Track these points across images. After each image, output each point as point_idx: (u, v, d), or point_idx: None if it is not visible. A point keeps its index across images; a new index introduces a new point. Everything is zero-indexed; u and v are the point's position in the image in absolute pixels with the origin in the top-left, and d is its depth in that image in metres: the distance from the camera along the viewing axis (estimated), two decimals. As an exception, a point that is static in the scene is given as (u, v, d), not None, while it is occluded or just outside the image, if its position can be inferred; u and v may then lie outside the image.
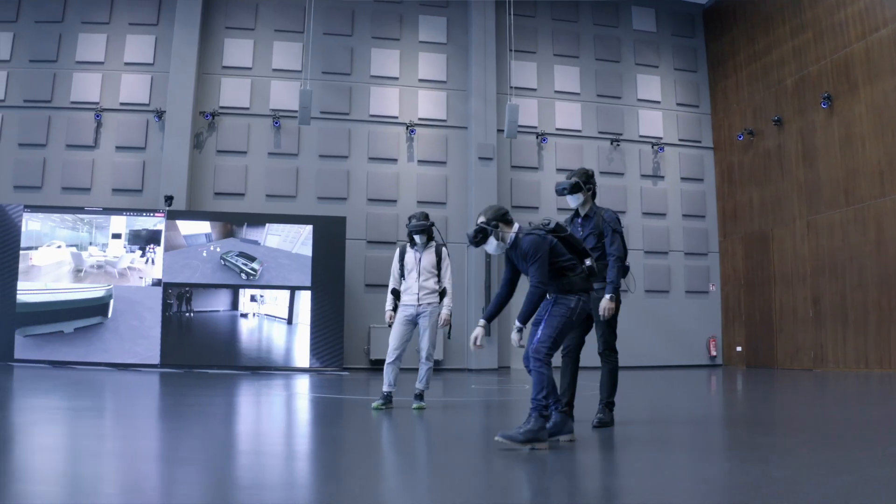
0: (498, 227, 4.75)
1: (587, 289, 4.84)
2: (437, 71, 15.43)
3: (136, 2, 15.26)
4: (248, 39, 15.33)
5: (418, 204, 15.03)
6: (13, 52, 15.12)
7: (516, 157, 15.31)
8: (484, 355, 14.31)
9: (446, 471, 4.02)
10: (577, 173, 5.73)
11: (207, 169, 14.90)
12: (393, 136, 15.17)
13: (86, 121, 14.82)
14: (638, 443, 4.95)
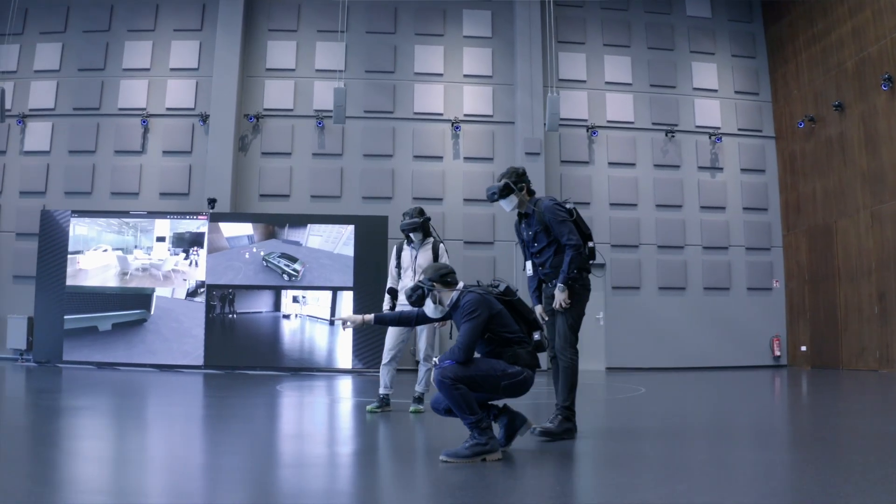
0: (434, 289, 4.42)
1: (534, 366, 4.42)
2: (483, 66, 15.32)
3: (181, 8, 15.58)
4: (290, 41, 15.50)
5: (464, 202, 14.92)
6: (62, 62, 15.61)
7: (566, 151, 15.08)
8: (534, 356, 14.02)
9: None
10: (507, 173, 5.34)
11: (252, 171, 15.06)
12: (438, 133, 15.10)
13: (133, 127, 15.17)
14: (593, 459, 4.59)
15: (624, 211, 15.03)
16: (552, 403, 5.26)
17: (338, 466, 4.29)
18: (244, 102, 15.28)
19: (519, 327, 4.45)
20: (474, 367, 4.24)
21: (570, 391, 5.06)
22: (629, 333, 14.65)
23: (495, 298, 4.42)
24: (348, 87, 15.22)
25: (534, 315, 4.67)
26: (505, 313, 4.38)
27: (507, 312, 4.42)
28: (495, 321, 4.32)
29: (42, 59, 15.62)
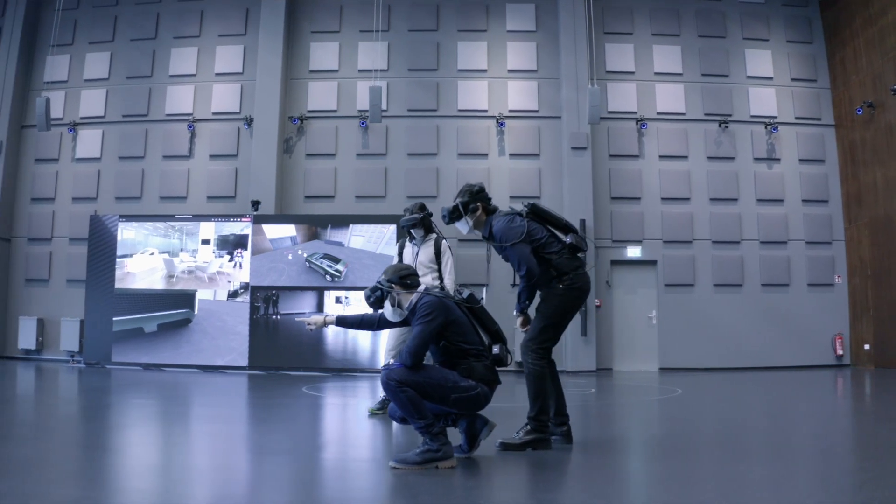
0: (392, 290, 4.28)
1: (491, 381, 4.24)
2: (527, 60, 15.25)
3: (225, 14, 15.92)
4: (333, 42, 15.67)
5: (510, 200, 14.76)
6: (111, 71, 16.11)
7: (614, 145, 14.88)
8: (582, 356, 13.86)
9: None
10: (461, 192, 5.08)
11: (297, 173, 15.26)
12: (482, 130, 15.07)
13: (180, 132, 15.53)
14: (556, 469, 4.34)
15: (676, 205, 14.73)
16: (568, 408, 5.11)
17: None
18: (288, 105, 15.50)
19: (479, 339, 4.29)
20: (424, 373, 4.08)
21: (534, 399, 4.71)
22: (683, 333, 14.35)
23: (456, 306, 4.28)
24: (391, 87, 15.37)
25: (497, 326, 4.44)
26: (464, 322, 4.23)
27: (468, 322, 4.27)
28: (452, 329, 4.17)
29: (91, 69, 16.12)
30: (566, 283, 4.76)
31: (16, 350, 15.18)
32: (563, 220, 5.00)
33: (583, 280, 4.86)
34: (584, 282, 4.87)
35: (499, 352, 4.33)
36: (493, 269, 14.62)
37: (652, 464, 4.58)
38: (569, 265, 4.78)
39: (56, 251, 15.60)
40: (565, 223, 4.98)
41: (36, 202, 15.86)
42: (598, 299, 14.34)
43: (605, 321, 14.43)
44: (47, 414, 6.91)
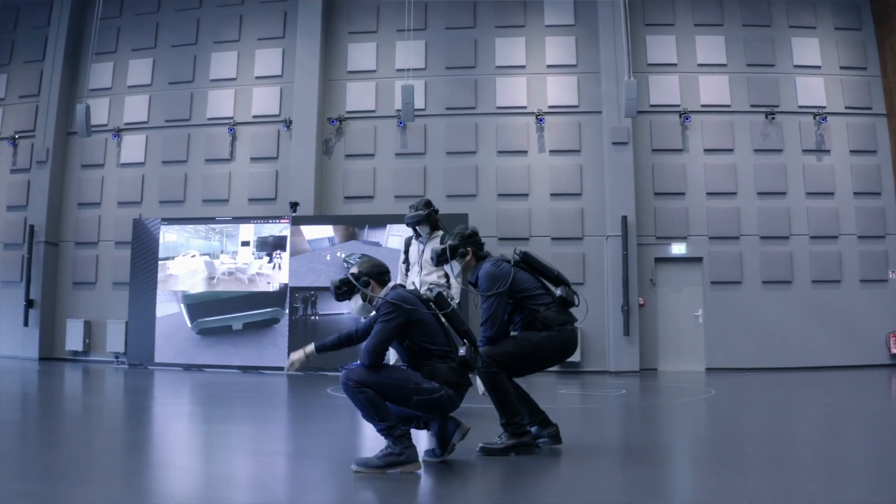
0: (369, 286, 4.21)
1: (457, 384, 4.13)
2: (566, 55, 15.19)
3: (263, 17, 16.19)
4: (370, 42, 15.81)
5: (551, 197, 14.76)
6: (154, 77, 16.53)
7: (657, 139, 14.73)
8: (624, 357, 13.73)
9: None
10: (452, 235, 4.98)
11: (337, 174, 15.45)
12: (521, 127, 15.06)
13: (221, 135, 15.87)
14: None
15: (722, 200, 14.51)
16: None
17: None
18: (327, 106, 15.71)
19: (447, 340, 4.20)
20: (385, 373, 4.03)
21: (500, 406, 4.63)
22: (730, 332, 14.10)
23: (424, 304, 4.19)
24: (429, 85, 15.46)
25: (466, 327, 4.30)
26: (430, 322, 4.14)
27: (434, 322, 4.17)
28: (416, 329, 4.10)
29: (134, 75, 16.57)
30: (553, 332, 4.70)
31: (64, 351, 15.68)
32: (555, 272, 4.95)
33: (567, 336, 4.78)
34: (567, 338, 4.78)
35: (465, 353, 4.15)
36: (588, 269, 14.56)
37: (624, 470, 4.46)
38: (556, 319, 4.71)
39: (102, 255, 16.06)
40: (556, 274, 4.94)
41: (82, 207, 16.35)
42: (642, 298, 14.20)
43: (649, 320, 14.27)
44: (95, 414, 7.21)
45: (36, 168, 16.24)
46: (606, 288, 14.20)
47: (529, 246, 14.57)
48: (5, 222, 16.50)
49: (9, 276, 16.21)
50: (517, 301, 4.69)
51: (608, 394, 9.76)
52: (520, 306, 4.71)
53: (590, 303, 14.30)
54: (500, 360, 4.56)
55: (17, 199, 16.47)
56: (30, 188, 16.34)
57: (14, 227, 16.37)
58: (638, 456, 4.88)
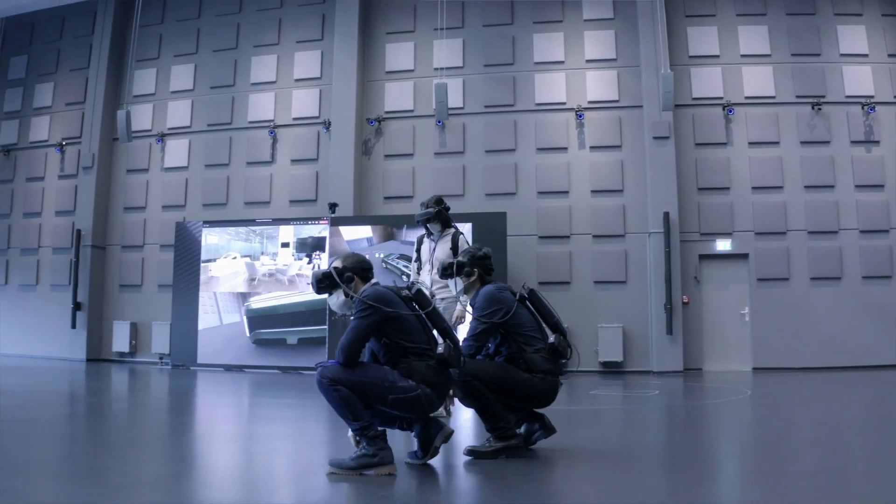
0: (353, 281, 4.12)
1: (435, 382, 4.04)
2: (606, 49, 15.15)
3: (302, 20, 16.51)
4: (408, 42, 15.97)
5: (592, 194, 14.72)
6: (196, 82, 16.95)
7: (700, 133, 14.59)
8: (667, 356, 13.62)
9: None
10: (463, 252, 5.01)
11: (377, 174, 15.63)
12: (561, 123, 15.06)
13: (262, 138, 16.19)
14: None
15: (768, 194, 14.30)
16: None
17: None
18: (366, 107, 15.91)
19: (426, 337, 4.15)
20: (361, 371, 3.97)
21: (483, 413, 4.56)
22: (778, 330, 13.88)
23: (404, 302, 4.13)
24: (467, 83, 15.57)
25: (447, 324, 4.25)
26: (408, 319, 4.07)
27: (414, 319, 4.11)
28: (393, 327, 4.03)
29: (177, 80, 17.01)
30: (535, 378, 4.60)
31: (110, 353, 16.16)
32: (556, 317, 4.89)
33: (547, 387, 4.65)
34: (546, 389, 4.65)
35: (443, 351, 4.08)
36: (575, 266, 14.56)
37: (591, 475, 4.31)
38: (541, 366, 4.61)
39: (148, 258, 16.51)
40: (556, 321, 4.87)
41: (128, 211, 16.84)
42: (686, 296, 14.08)
43: (693, 318, 14.13)
44: (141, 412, 7.48)
45: (82, 174, 16.77)
46: (649, 286, 14.11)
47: (570, 244, 14.57)
48: (54, 227, 17.08)
49: (57, 280, 16.79)
50: (507, 334, 4.63)
51: (639, 395, 9.70)
52: (508, 341, 4.64)
53: (633, 301, 14.25)
54: (479, 377, 4.47)
55: (65, 205, 17.03)
56: (77, 193, 16.89)
57: (62, 231, 16.94)
58: (614, 460, 4.71)
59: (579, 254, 14.69)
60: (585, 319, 14.31)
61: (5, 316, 17.13)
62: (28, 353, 16.56)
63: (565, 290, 14.58)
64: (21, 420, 6.28)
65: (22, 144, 17.82)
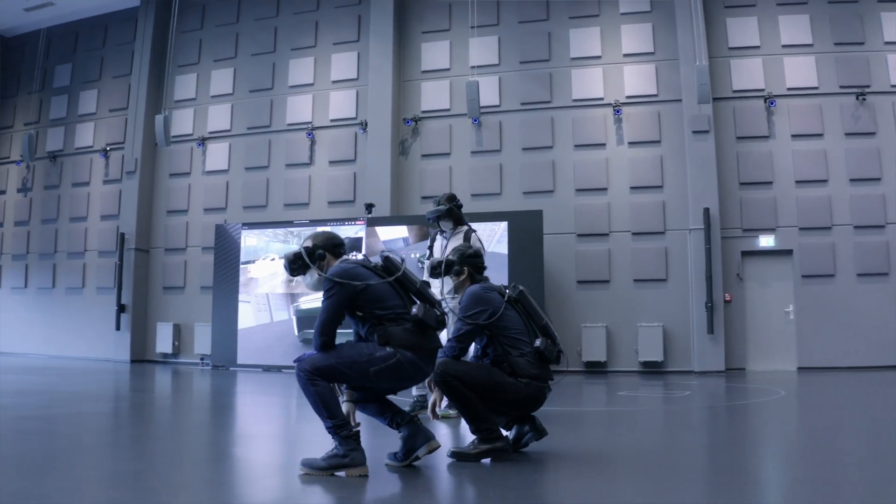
0: (324, 259, 4.06)
1: (414, 345, 3.92)
2: (643, 43, 15.08)
3: (338, 22, 16.79)
4: (443, 41, 16.09)
5: (631, 190, 14.65)
6: (235, 86, 17.37)
7: (741, 126, 14.43)
8: (709, 356, 13.49)
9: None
10: (453, 250, 4.89)
11: (414, 174, 15.81)
12: (598, 119, 15.05)
13: (300, 140, 16.51)
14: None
15: (812, 188, 14.07)
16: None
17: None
18: (402, 107, 16.09)
19: (401, 302, 4.04)
20: (336, 354, 3.90)
21: (465, 414, 4.45)
22: (824, 328, 13.64)
23: (372, 272, 4.05)
24: (503, 81, 15.65)
25: (419, 286, 4.12)
26: (379, 287, 3.99)
27: (386, 286, 4.03)
28: (364, 298, 3.95)
29: (217, 85, 17.44)
30: (520, 383, 4.49)
31: (154, 354, 16.63)
32: (544, 321, 4.70)
33: (533, 392, 4.51)
34: (531, 395, 4.52)
35: (417, 311, 3.99)
36: (614, 265, 14.51)
37: (579, 477, 4.19)
38: (526, 370, 4.48)
39: (190, 260, 16.95)
40: (545, 324, 4.67)
41: (171, 214, 17.31)
42: (728, 293, 13.93)
43: (736, 317, 13.98)
44: (181, 411, 7.74)
45: (126, 178, 17.30)
46: (690, 284, 14.00)
47: (609, 242, 14.53)
48: (100, 231, 17.65)
49: (103, 283, 17.37)
50: (493, 336, 4.53)
51: (667, 396, 9.57)
52: (494, 342, 4.54)
53: (674, 300, 14.08)
54: (460, 378, 4.37)
55: (110, 209, 17.59)
56: (121, 198, 17.42)
57: (107, 235, 17.51)
58: (603, 465, 4.55)
59: (618, 252, 14.64)
60: (625, 319, 14.28)
61: (53, 319, 17.79)
62: (74, 355, 17.17)
63: (604, 288, 14.57)
64: (70, 415, 6.62)
65: (68, 150, 18.48)
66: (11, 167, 19.17)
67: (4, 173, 19.39)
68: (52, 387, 9.74)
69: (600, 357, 14.21)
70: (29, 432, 5.44)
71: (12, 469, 4.05)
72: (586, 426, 6.63)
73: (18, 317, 18.43)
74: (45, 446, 4.79)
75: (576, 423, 6.73)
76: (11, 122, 19.46)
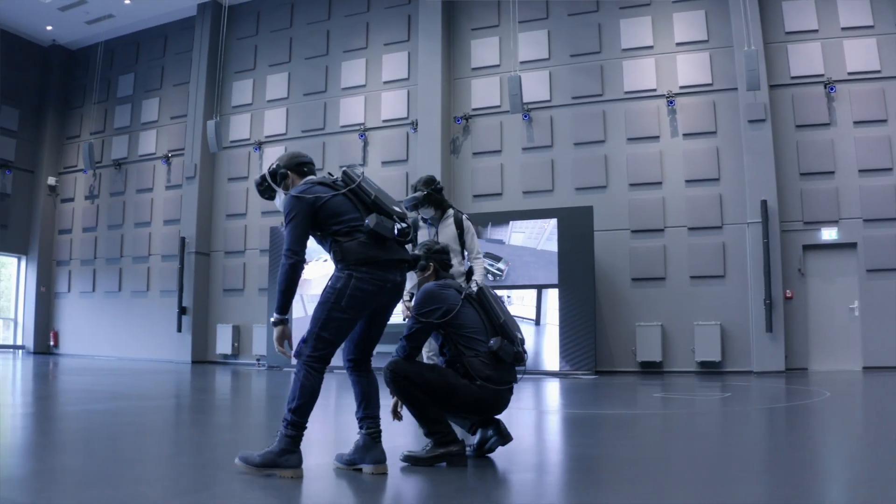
0: (287, 178, 4.00)
1: (371, 260, 3.79)
2: (696, 30, 14.84)
3: (389, 23, 17.17)
4: (493, 37, 16.14)
5: (686, 184, 14.42)
6: (289, 89, 17.84)
7: (800, 114, 14.05)
8: (767, 355, 13.15)
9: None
10: (421, 245, 4.74)
11: (465, 172, 15.97)
12: (651, 111, 14.91)
13: (353, 142, 16.90)
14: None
15: (876, 177, 13.56)
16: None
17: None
18: (453, 105, 16.25)
19: (358, 215, 3.89)
20: (312, 321, 3.84)
21: (417, 417, 4.29)
22: (890, 326, 13.10)
23: (329, 188, 3.91)
24: (554, 75, 15.66)
25: (374, 196, 3.92)
26: (335, 202, 3.85)
27: (342, 199, 3.89)
28: (323, 214, 3.83)
29: (272, 89, 18.04)
30: (473, 385, 4.28)
31: (214, 355, 17.28)
32: (501, 320, 4.46)
33: (488, 395, 4.30)
34: (486, 398, 4.31)
35: (369, 222, 3.81)
36: (670, 261, 14.30)
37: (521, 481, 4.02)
38: (480, 371, 4.28)
39: (249, 262, 17.54)
40: (502, 323, 4.45)
41: (230, 218, 17.96)
42: (789, 290, 13.55)
43: (797, 314, 13.59)
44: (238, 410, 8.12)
45: (186, 183, 18.00)
46: (749, 280, 13.68)
47: (665, 238, 14.33)
48: (163, 236, 18.45)
49: (166, 286, 18.15)
50: (448, 335, 4.38)
51: (706, 397, 9.22)
52: (449, 342, 4.39)
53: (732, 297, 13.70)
54: (410, 378, 4.25)
55: (172, 214, 18.39)
56: (181, 202, 18.10)
57: (170, 239, 18.31)
58: (568, 473, 4.35)
59: (674, 248, 14.43)
60: (681, 317, 14.08)
61: (119, 321, 18.72)
62: (138, 356, 17.99)
63: (660, 286, 14.39)
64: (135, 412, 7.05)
65: (132, 158, 19.40)
66: (79, 175, 20.26)
67: (72, 181, 20.49)
68: (125, 388, 10.25)
69: (655, 357, 14.04)
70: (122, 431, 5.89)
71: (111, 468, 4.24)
72: (585, 430, 6.36)
73: (87, 320, 19.47)
74: (135, 442, 5.21)
75: (579, 426, 6.66)
76: (78, 132, 20.55)
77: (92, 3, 18.11)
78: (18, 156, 19.75)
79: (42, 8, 18.12)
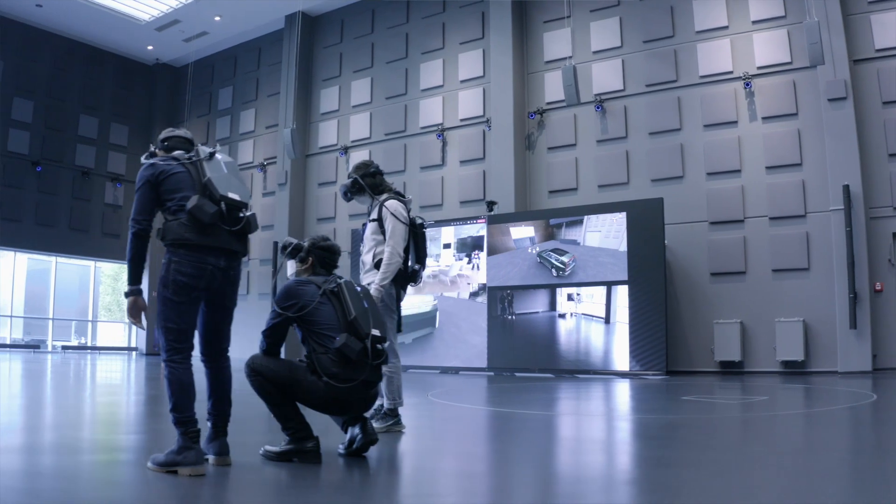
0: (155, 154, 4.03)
1: (187, 243, 3.75)
2: (773, 6, 14.01)
3: (463, 22, 17.34)
4: (564, 29, 15.87)
5: (767, 170, 13.63)
6: (373, 94, 18.32)
7: (887, 90, 12.94)
8: (852, 355, 12.22)
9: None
10: (310, 237, 4.67)
11: (541, 168, 15.87)
12: (728, 95, 14.22)
13: (432, 142, 17.10)
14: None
15: (982, 154, 12.23)
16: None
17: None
18: (528, 100, 16.16)
19: (191, 193, 3.88)
20: (157, 313, 3.89)
21: (271, 412, 4.28)
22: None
23: (179, 162, 3.95)
24: (627, 63, 15.27)
25: (207, 178, 3.89)
26: (179, 177, 3.87)
27: (187, 177, 3.90)
28: (163, 187, 3.84)
29: (357, 95, 18.64)
30: (320, 382, 4.23)
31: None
32: (352, 315, 4.31)
33: (335, 394, 4.22)
34: (334, 396, 4.23)
35: (188, 204, 3.80)
36: (750, 253, 13.55)
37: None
38: (326, 369, 4.20)
39: (340, 264, 18.01)
40: (352, 319, 4.29)
41: (321, 221, 18.66)
42: (879, 283, 12.51)
43: (888, 309, 12.52)
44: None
45: (278, 190, 18.82)
46: (835, 273, 12.73)
47: (745, 229, 13.60)
48: (259, 241, 19.35)
49: (264, 290, 19.01)
50: (304, 331, 4.35)
51: (741, 401, 8.45)
52: (306, 338, 4.36)
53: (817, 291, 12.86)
54: (262, 373, 4.24)
55: (267, 220, 19.26)
56: (275, 208, 18.94)
57: (267, 244, 19.12)
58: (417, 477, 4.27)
59: (755, 239, 13.67)
60: (762, 313, 13.33)
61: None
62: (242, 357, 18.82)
63: (740, 280, 13.69)
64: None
65: (232, 168, 20.38)
66: (189, 187, 21.50)
67: (182, 193, 21.78)
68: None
69: (734, 356, 13.36)
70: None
71: None
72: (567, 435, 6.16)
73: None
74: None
75: (575, 429, 6.45)
76: (185, 146, 21.80)
77: (186, 23, 19.32)
78: (129, 170, 21.33)
79: (140, 29, 19.54)
